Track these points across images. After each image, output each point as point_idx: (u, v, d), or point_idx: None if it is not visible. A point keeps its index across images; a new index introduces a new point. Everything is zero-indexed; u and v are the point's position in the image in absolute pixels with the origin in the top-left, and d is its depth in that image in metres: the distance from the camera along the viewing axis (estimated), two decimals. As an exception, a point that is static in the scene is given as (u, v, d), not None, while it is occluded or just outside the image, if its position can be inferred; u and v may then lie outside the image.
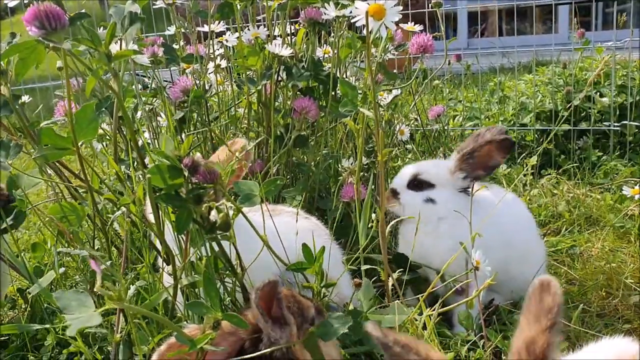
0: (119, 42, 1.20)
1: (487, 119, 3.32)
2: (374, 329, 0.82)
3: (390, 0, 1.28)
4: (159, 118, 2.23)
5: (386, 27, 1.24)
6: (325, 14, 1.97)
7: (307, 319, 1.22)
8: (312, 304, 1.26)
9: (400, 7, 1.29)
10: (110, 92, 1.24)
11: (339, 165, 2.16)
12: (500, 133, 1.70)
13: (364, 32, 1.32)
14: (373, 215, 1.52)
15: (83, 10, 1.85)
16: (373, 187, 1.64)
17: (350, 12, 1.26)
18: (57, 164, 1.56)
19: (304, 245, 1.30)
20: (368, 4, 1.26)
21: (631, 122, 2.93)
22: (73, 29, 1.23)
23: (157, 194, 1.19)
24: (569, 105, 3.03)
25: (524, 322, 0.74)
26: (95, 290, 0.86)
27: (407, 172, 1.85)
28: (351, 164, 2.03)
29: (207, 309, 1.11)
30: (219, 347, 1.10)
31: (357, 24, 1.28)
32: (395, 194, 1.82)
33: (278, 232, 1.43)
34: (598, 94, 3.08)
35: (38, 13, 0.95)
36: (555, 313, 0.71)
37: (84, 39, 1.03)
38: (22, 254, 2.32)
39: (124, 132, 1.72)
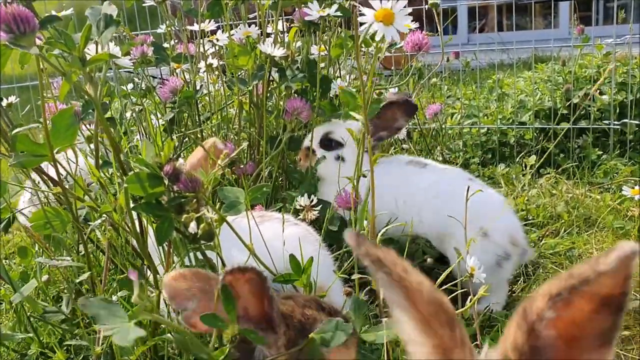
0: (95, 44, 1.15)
1: (485, 117, 3.27)
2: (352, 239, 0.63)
3: (400, 1, 1.17)
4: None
5: (398, 31, 1.14)
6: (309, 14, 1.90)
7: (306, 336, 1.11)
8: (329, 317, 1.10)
9: (410, 9, 1.20)
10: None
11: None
12: (404, 97, 1.86)
13: (361, 30, 1.24)
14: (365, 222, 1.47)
15: (69, 11, 1.81)
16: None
17: (336, 11, 1.21)
18: (38, 170, 1.51)
19: (291, 256, 1.25)
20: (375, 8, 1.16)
21: (631, 121, 2.88)
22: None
23: (138, 202, 1.14)
24: (568, 103, 2.98)
25: None
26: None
27: (319, 131, 1.99)
28: None
29: (222, 322, 1.02)
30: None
31: (368, 33, 1.18)
32: (308, 152, 1.94)
33: (264, 240, 1.38)
34: (598, 91, 3.02)
35: (5, 16, 0.90)
36: None
37: (57, 42, 0.99)
38: (12, 257, 2.29)
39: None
